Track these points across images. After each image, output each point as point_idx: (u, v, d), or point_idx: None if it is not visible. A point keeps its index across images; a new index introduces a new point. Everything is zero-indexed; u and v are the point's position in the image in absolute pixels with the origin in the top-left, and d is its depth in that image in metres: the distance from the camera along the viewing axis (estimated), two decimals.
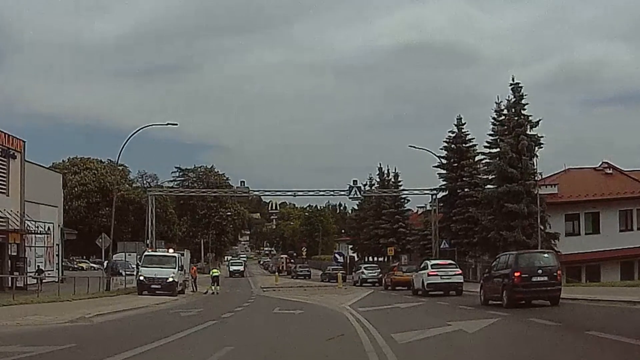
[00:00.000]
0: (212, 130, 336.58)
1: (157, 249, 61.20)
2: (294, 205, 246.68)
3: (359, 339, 18.92)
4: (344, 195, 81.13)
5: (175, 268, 52.04)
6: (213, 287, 60.31)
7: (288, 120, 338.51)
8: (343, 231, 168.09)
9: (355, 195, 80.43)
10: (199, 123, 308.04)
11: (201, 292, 60.09)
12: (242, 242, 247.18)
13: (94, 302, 38.42)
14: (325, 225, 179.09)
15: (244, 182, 78.71)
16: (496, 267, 33.73)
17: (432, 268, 47.54)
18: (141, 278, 50.98)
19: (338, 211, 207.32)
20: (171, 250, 58.34)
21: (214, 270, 65.17)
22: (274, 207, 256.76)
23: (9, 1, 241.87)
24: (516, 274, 30.56)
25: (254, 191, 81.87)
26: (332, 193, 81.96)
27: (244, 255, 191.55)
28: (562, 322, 22.36)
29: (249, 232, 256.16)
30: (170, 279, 50.53)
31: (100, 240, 55.07)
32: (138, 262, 58.34)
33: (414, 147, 73.13)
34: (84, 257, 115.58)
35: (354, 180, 79.32)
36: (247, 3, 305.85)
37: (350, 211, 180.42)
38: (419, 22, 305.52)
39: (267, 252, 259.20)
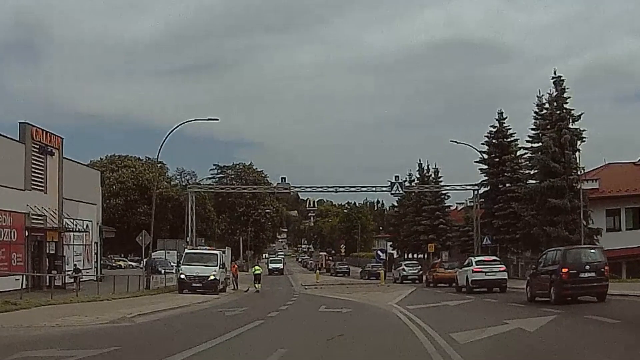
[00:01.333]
0: (249, 128, 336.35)
1: (198, 247, 60.28)
2: (331, 202, 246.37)
3: (418, 339, 18.08)
4: (385, 191, 79.83)
5: (216, 266, 51.34)
6: (256, 285, 59.47)
7: (324, 118, 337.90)
8: (381, 228, 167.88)
9: (397, 191, 79.07)
10: (236, 121, 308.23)
11: (242, 290, 59.24)
12: (280, 240, 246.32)
13: (134, 302, 37.62)
14: (363, 223, 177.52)
15: (284, 178, 77.47)
16: (543, 263, 33.20)
17: (476, 265, 46.97)
18: (182, 276, 50.30)
19: (376, 208, 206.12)
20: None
21: (256, 267, 64.39)
22: (311, 205, 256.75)
23: (48, 1, 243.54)
24: (564, 270, 30.10)
25: (295, 188, 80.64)
26: (373, 189, 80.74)
27: (282, 253, 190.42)
28: (620, 319, 21.78)
29: (286, 230, 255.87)
30: (212, 277, 49.82)
31: (140, 237, 54.22)
32: (179, 260, 58.09)
33: (456, 142, 71.99)
34: (122, 255, 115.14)
35: (395, 176, 78.18)
36: (284, 1, 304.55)
37: (388, 208, 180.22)
38: (454, 18, 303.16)
39: (304, 249, 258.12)
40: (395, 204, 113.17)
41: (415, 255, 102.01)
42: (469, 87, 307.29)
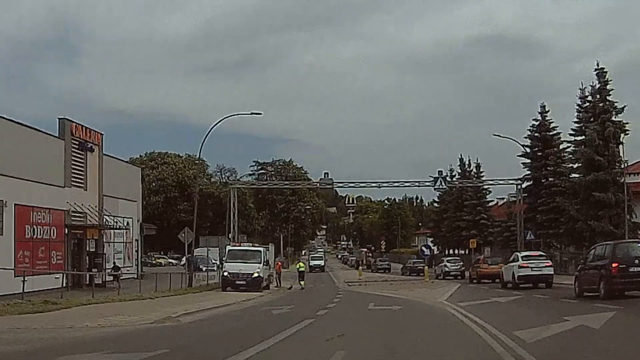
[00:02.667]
0: (287, 125, 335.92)
1: (242, 244, 59.42)
2: (370, 199, 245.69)
3: (482, 338, 17.06)
4: (428, 186, 79.08)
5: (260, 263, 50.62)
6: (300, 283, 58.85)
7: (361, 114, 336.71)
8: (420, 224, 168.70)
9: (441, 186, 78.15)
10: (274, 118, 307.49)
11: (285, 288, 58.59)
12: (319, 237, 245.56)
13: (177, 300, 36.83)
14: (403, 219, 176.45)
15: (327, 173, 76.60)
16: (591, 258, 32.48)
17: (522, 260, 46.02)
18: (225, 274, 49.63)
19: (415, 204, 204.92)
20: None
21: (300, 264, 63.79)
22: (350, 201, 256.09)
23: (85, 1, 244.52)
24: (614, 265, 29.46)
25: (338, 183, 79.57)
26: (417, 184, 79.74)
27: (321, 250, 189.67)
28: None
29: (325, 227, 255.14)
30: (256, 275, 49.18)
31: (182, 234, 53.33)
32: (222, 257, 57.25)
33: (499, 135, 71.62)
34: (161, 253, 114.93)
35: (439, 171, 77.66)
36: None
37: (427, 204, 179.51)
38: (491, 13, 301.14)
39: (344, 246, 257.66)
40: (436, 200, 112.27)
41: (456, 251, 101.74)
42: (506, 82, 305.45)
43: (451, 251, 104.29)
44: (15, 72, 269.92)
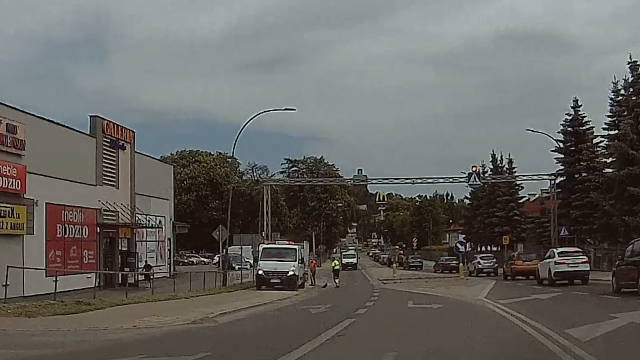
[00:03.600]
0: (316, 122, 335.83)
1: (276, 241, 58.76)
2: (400, 196, 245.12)
3: (534, 337, 16.54)
4: (462, 182, 78.10)
5: (295, 261, 49.89)
6: (335, 281, 58.08)
7: (391, 110, 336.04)
8: (451, 221, 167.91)
9: (475, 182, 77.11)
10: (303, 116, 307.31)
11: (319, 286, 57.77)
12: (350, 234, 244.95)
13: (212, 299, 36.08)
14: (434, 216, 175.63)
15: (361, 170, 76.03)
16: (630, 253, 31.82)
17: (559, 256, 45.44)
18: (260, 272, 48.79)
19: (445, 201, 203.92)
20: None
21: (335, 262, 62.88)
22: (381, 199, 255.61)
23: (115, 0, 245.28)
24: None
25: (372, 179, 78.84)
26: (450, 180, 78.69)
27: (352, 247, 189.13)
28: None
29: (356, 224, 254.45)
30: (291, 273, 48.37)
31: (217, 232, 52.61)
32: (256, 255, 56.94)
33: (532, 130, 70.90)
34: (193, 251, 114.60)
35: (472, 167, 76.39)
36: None
37: (457, 201, 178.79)
38: (517, 9, 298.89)
39: (374, 243, 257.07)
40: (469, 196, 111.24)
41: (488, 248, 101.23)
42: (535, 78, 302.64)
43: (483, 248, 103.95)
44: (45, 71, 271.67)
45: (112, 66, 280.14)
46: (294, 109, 56.47)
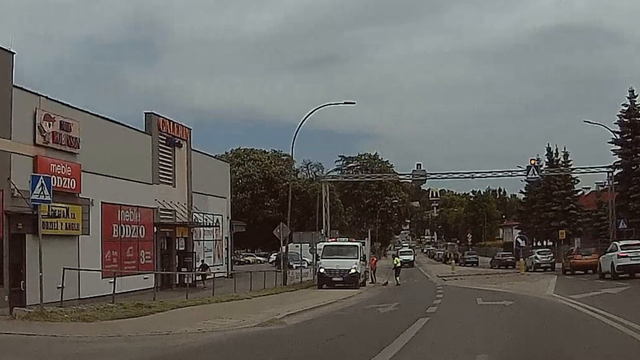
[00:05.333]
0: (367, 120, 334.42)
1: (337, 239, 57.62)
2: (452, 192, 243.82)
3: (626, 335, 16.23)
4: (521, 175, 78.03)
5: (357, 258, 48.55)
6: (397, 279, 57.04)
7: (442, 107, 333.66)
8: (504, 216, 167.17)
9: (534, 176, 75.53)
10: (354, 113, 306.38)
11: (380, 284, 56.62)
12: (403, 231, 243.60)
13: (275, 299, 35.20)
14: (488, 211, 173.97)
15: (420, 164, 75.13)
16: None
17: (622, 249, 44.81)
18: (321, 270, 47.67)
19: (498, 196, 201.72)
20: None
21: (397, 259, 61.86)
22: (434, 195, 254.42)
23: (165, 1, 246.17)
24: None
25: (431, 174, 77.43)
26: (509, 174, 77.58)
27: (406, 244, 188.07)
28: None
29: (409, 221, 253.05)
30: (353, 271, 47.06)
31: (278, 230, 51.46)
32: (313, 253, 57.28)
33: (589, 122, 69.87)
34: (248, 250, 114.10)
35: (531, 159, 75.39)
36: None
37: (510, 196, 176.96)
38: (565, 3, 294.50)
39: (428, 240, 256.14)
40: (524, 191, 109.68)
41: (544, 243, 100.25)
42: (584, 70, 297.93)
43: (538, 243, 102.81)
44: (98, 72, 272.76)
45: (164, 66, 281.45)
46: (353, 103, 55.41)
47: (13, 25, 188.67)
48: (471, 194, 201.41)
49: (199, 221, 53.33)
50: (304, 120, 53.59)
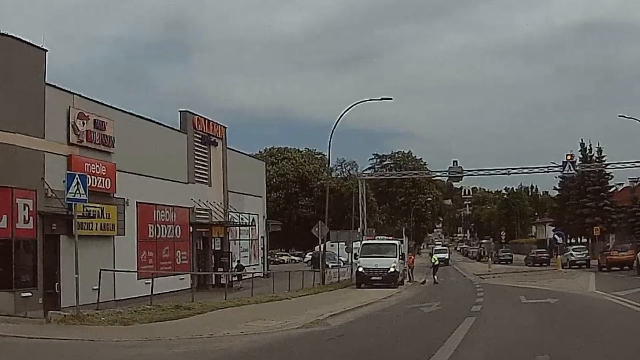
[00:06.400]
0: (398, 118, 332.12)
1: (376, 237, 56.86)
2: (484, 189, 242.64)
3: None
4: (556, 171, 76.68)
5: (396, 257, 47.97)
6: (435, 277, 56.30)
7: (472, 104, 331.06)
8: (536, 213, 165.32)
9: (569, 171, 74.28)
10: (386, 111, 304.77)
11: (418, 282, 55.90)
12: (436, 230, 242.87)
13: (315, 300, 34.52)
14: (521, 208, 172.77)
15: (456, 161, 73.73)
16: None
17: None
18: (360, 269, 46.98)
19: (530, 193, 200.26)
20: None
21: (435, 257, 61.12)
22: (467, 193, 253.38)
23: (197, 1, 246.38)
24: None
25: (467, 171, 76.31)
26: (545, 170, 76.05)
27: (439, 242, 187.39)
28: None
29: (441, 219, 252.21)
30: (392, 269, 46.52)
31: (316, 229, 50.77)
32: (349, 251, 56.45)
33: (624, 116, 68.18)
34: (283, 250, 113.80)
35: (567, 155, 73.62)
36: None
37: (542, 193, 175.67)
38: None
39: (460, 238, 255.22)
40: (557, 187, 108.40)
41: (579, 239, 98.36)
42: (614, 68, 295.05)
43: (572, 240, 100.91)
44: (130, 73, 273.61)
45: (195, 66, 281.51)
46: (390, 99, 54.27)
47: (45, 25, 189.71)
48: (504, 192, 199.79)
49: (235, 220, 52.91)
50: (340, 117, 52.82)
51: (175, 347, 16.86)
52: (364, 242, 52.57)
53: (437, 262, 59.55)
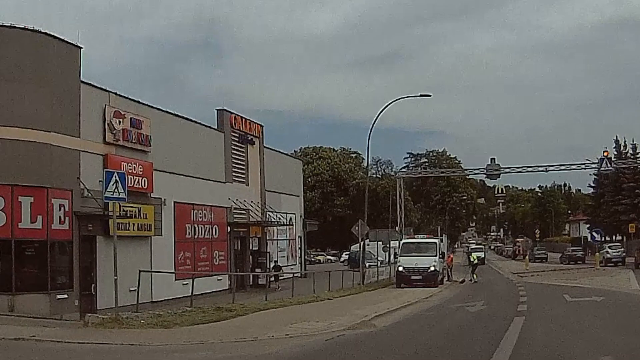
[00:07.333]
0: (431, 117, 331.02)
1: (416, 236, 56.13)
2: (517, 188, 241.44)
3: None
4: (593, 168, 75.78)
5: (436, 255, 47.13)
6: (474, 276, 55.67)
7: (503, 103, 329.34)
8: (569, 211, 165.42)
9: (607, 168, 73.17)
10: (418, 110, 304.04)
11: (456, 281, 54.96)
12: (469, 228, 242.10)
13: (357, 300, 33.60)
14: (555, 206, 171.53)
15: (494, 159, 72.81)
16: None
17: None
18: (400, 269, 46.08)
19: (563, 191, 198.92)
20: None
21: (474, 256, 60.60)
22: (500, 191, 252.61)
23: (231, 1, 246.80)
24: None
25: (505, 168, 75.36)
26: (583, 167, 75.25)
27: (473, 241, 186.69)
28: None
29: (475, 218, 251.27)
30: (432, 268, 45.64)
31: (356, 227, 50.02)
32: (387, 251, 56.61)
33: None
34: (319, 250, 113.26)
35: (604, 151, 72.84)
36: None
37: (574, 191, 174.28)
38: None
39: (494, 237, 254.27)
40: (592, 184, 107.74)
41: (614, 237, 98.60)
42: None
43: (607, 237, 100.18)
44: (164, 74, 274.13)
45: (229, 67, 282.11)
46: (429, 95, 53.35)
47: (80, 26, 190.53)
48: (537, 190, 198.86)
49: (273, 220, 52.47)
50: (379, 115, 51.73)
51: (220, 351, 16.18)
52: (403, 240, 51.94)
53: (476, 261, 58.97)
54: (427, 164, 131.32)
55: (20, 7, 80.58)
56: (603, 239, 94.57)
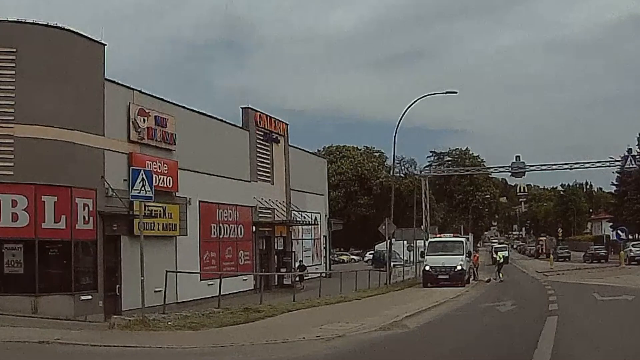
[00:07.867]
0: (453, 115, 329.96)
1: (442, 234, 55.64)
2: (538, 186, 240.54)
3: None
4: (616, 165, 74.92)
5: (463, 255, 46.63)
6: (500, 275, 55.03)
7: (525, 100, 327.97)
8: (591, 210, 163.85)
9: (630, 165, 72.48)
10: (441, 109, 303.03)
11: (483, 280, 54.14)
12: (492, 227, 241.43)
13: (385, 300, 33.18)
14: (577, 205, 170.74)
15: (519, 156, 72.31)
16: None
17: None
18: (427, 268, 45.57)
19: (585, 189, 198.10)
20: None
21: (500, 255, 60.11)
22: (522, 190, 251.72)
23: (254, 1, 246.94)
24: None
25: (530, 166, 74.75)
26: (607, 164, 74.42)
27: (495, 240, 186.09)
28: None
29: (497, 217, 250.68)
30: (459, 268, 45.07)
31: (383, 227, 49.55)
32: (412, 250, 56.38)
33: None
34: (342, 249, 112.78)
35: (628, 149, 72.54)
36: None
37: (596, 189, 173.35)
38: None
39: (516, 235, 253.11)
40: (615, 182, 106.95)
41: (637, 236, 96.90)
42: None
43: (630, 236, 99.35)
44: (188, 73, 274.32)
45: (252, 67, 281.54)
46: (455, 92, 52.77)
47: (104, 24, 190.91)
48: (559, 188, 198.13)
49: (298, 219, 52.17)
50: (404, 113, 51.20)
51: (250, 354, 15.74)
52: (430, 239, 51.55)
53: (501, 260, 58.38)
54: (450, 162, 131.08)
55: (46, 5, 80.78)
56: (627, 237, 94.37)
